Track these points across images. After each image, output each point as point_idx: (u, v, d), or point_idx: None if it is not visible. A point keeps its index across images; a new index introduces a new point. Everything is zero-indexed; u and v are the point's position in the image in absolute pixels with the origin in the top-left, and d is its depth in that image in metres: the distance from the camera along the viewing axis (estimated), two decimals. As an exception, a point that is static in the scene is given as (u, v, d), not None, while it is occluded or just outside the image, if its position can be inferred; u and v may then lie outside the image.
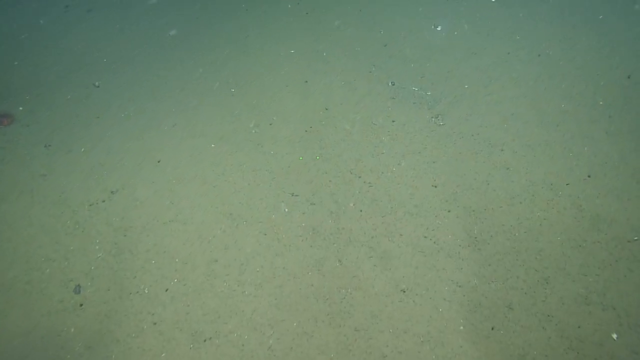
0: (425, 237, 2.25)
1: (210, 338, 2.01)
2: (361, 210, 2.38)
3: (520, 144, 2.54)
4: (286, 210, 2.42)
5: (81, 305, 2.11)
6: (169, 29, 3.47)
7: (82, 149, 2.73)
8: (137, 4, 3.67)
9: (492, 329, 1.94)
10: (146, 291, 2.16)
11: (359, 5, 3.56)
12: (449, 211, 2.32)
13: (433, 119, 2.74)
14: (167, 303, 2.13)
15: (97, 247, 2.30)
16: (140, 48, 3.33)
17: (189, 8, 3.64)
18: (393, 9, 3.49)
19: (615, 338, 1.83)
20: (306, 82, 3.03)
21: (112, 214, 2.43)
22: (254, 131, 2.78)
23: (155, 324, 2.07)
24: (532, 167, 2.43)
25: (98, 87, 3.07)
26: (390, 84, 2.98)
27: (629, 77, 2.72)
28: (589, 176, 2.34)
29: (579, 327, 1.89)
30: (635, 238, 2.08)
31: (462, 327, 1.96)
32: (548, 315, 1.93)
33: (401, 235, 2.27)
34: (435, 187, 2.43)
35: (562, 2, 3.26)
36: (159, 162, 2.65)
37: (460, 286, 2.07)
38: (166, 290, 2.17)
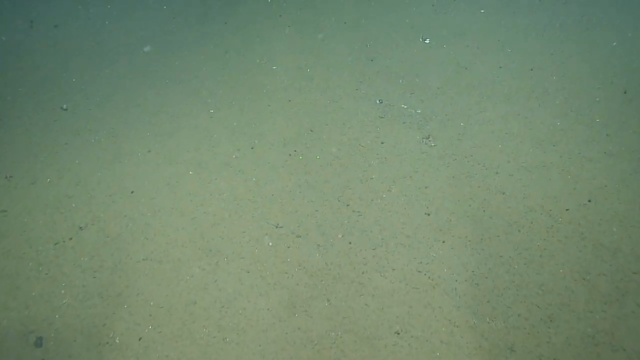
0: (419, 271, 2.10)
1: (188, 394, 1.83)
2: (350, 243, 2.22)
3: (516, 166, 2.41)
4: (270, 244, 2.25)
5: (44, 360, 1.91)
6: (143, 44, 3.28)
7: (48, 180, 2.52)
8: (108, 18, 3.47)
9: (495, 375, 1.80)
10: (117, 341, 1.97)
11: (343, 17, 3.41)
12: (443, 242, 2.18)
13: (424, 140, 2.60)
14: (141, 354, 1.94)
15: (62, 291, 2.10)
16: (112, 66, 3.13)
17: (164, 22, 3.44)
18: (379, 21, 3.35)
19: (626, 383, 1.71)
20: (289, 101, 2.87)
21: (80, 253, 2.23)
22: (234, 156, 2.61)
23: (127, 379, 1.88)
24: (529, 191, 2.30)
25: (66, 110, 2.86)
26: (377, 101, 2.83)
27: (625, 93, 2.62)
28: (589, 201, 2.22)
29: (586, 371, 1.76)
30: (641, 269, 1.97)
31: (462, 374, 1.81)
32: (554, 359, 1.79)
33: (393, 269, 2.12)
34: (428, 215, 2.28)
35: (552, 14, 3.16)
36: (132, 192, 2.46)
37: (457, 326, 1.93)
38: (140, 339, 1.98)
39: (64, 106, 2.87)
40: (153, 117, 2.82)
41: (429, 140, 2.59)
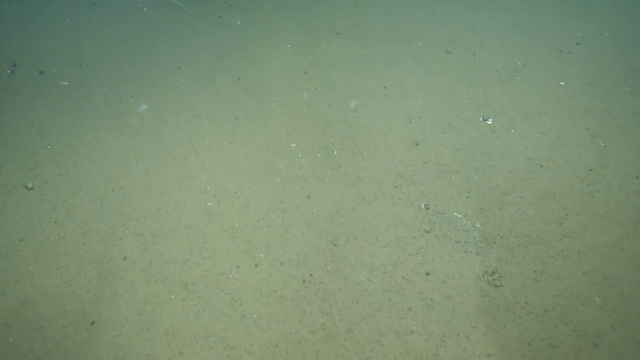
0: None
1: None
2: None
3: (626, 337, 1.70)
4: None
5: None
6: (138, 103, 2.71)
7: (-11, 296, 1.95)
8: (103, 65, 2.92)
9: None
10: None
11: (383, 79, 2.76)
12: None
13: (485, 276, 1.91)
14: None
15: None
16: (96, 130, 2.56)
17: (166, 73, 2.87)
18: (427, 88, 2.68)
19: None
20: (309, 197, 2.23)
21: (8, 422, 1.65)
22: (231, 276, 1.99)
23: None
24: (644, 384, 1.59)
25: (31, 189, 2.30)
26: (423, 206, 2.16)
27: None
28: None
29: None
30: None
31: None
32: None
33: None
34: (494, 406, 1.60)
35: (661, 96, 2.43)
36: (92, 324, 1.86)
37: None
38: None
39: (29, 184, 2.31)
40: (136, 208, 2.23)
41: (493, 278, 1.90)
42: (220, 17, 3.21)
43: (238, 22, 3.18)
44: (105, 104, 2.71)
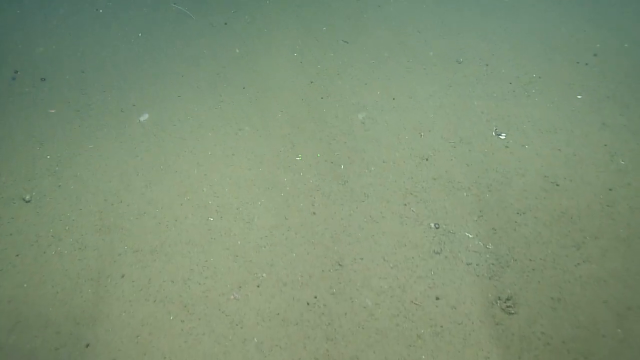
0: None
1: None
2: None
3: (644, 370, 1.60)
4: None
5: None
6: (140, 112, 2.64)
7: (-17, 314, 1.89)
8: (103, 73, 2.85)
9: None
10: None
11: (391, 90, 2.68)
12: None
13: (498, 302, 1.82)
14: None
15: None
16: (97, 140, 2.50)
17: (169, 82, 2.80)
18: (438, 99, 2.59)
19: None
20: (314, 213, 2.15)
21: None
22: (232, 297, 1.91)
23: None
24: None
25: (29, 202, 2.24)
26: (433, 225, 2.07)
27: None
28: None
29: None
30: None
31: None
32: None
33: None
34: None
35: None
36: (87, 346, 1.79)
37: None
38: None
39: (27, 197, 2.25)
40: (135, 223, 2.16)
41: (507, 305, 1.81)
42: (226, 24, 3.14)
43: (244, 29, 3.11)
44: (107, 112, 2.64)
